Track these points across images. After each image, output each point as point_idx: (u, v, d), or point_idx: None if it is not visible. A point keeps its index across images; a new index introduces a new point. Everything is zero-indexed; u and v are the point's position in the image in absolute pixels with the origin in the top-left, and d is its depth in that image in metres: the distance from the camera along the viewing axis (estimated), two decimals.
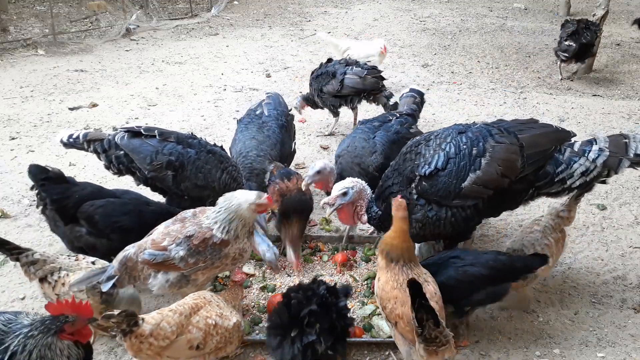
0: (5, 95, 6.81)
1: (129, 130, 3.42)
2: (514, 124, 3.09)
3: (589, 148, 2.96)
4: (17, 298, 3.31)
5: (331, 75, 5.35)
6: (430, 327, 2.26)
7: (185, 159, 3.31)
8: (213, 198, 3.23)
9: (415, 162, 2.96)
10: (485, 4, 12.55)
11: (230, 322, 2.54)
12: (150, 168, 3.28)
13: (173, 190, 3.36)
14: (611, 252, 3.79)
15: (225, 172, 3.43)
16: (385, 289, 2.55)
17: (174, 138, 3.38)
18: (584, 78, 7.64)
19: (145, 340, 2.29)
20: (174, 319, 2.40)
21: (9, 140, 5.59)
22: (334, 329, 2.38)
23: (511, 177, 2.88)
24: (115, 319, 2.21)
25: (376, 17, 11.24)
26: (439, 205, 2.92)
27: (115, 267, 2.73)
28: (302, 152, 5.40)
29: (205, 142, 3.54)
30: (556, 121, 6.06)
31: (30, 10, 11.06)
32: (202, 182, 3.33)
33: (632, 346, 2.96)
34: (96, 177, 4.83)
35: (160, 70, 7.96)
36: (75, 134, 3.53)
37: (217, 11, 11.49)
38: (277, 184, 3.56)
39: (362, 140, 3.66)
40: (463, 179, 2.85)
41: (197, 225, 2.74)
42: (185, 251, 2.68)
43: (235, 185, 3.45)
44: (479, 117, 6.18)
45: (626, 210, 4.33)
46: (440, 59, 8.50)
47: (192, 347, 2.41)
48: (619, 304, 3.30)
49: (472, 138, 2.92)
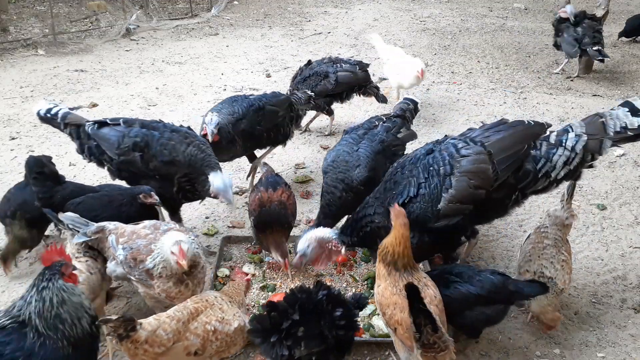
0: (5, 95, 6.81)
1: (96, 122, 3.51)
2: (481, 131, 3.01)
3: (565, 137, 2.88)
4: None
5: (322, 75, 5.38)
6: (428, 333, 2.25)
7: (149, 139, 3.39)
8: (181, 174, 3.38)
9: (393, 192, 2.94)
10: (485, 4, 12.54)
11: (231, 326, 2.49)
12: (118, 152, 3.38)
13: (143, 171, 3.42)
14: (611, 252, 3.79)
15: (192, 145, 3.44)
16: (385, 294, 2.54)
17: (138, 124, 3.49)
18: (584, 78, 7.64)
19: (140, 346, 2.26)
20: (171, 326, 2.35)
21: (9, 140, 5.59)
22: (323, 338, 2.27)
23: (486, 187, 2.79)
24: (112, 324, 2.19)
25: (376, 17, 11.24)
26: (422, 232, 2.86)
27: (92, 230, 2.85)
28: (302, 152, 5.41)
29: (170, 124, 3.60)
30: (556, 121, 6.06)
31: (30, 10, 11.05)
32: (168, 158, 3.36)
33: (632, 346, 2.97)
34: (96, 177, 4.83)
35: (160, 70, 7.96)
36: (54, 110, 3.52)
37: (217, 11, 11.48)
38: (260, 193, 3.49)
39: (345, 154, 3.54)
40: (438, 201, 2.79)
41: (146, 242, 2.76)
42: (123, 258, 2.76)
43: (203, 156, 3.45)
44: (479, 117, 6.19)
45: (626, 210, 4.33)
46: (440, 59, 8.49)
47: (189, 354, 2.37)
48: (619, 304, 3.30)
49: (437, 158, 2.87)
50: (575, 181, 3.08)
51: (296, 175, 4.91)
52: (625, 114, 2.85)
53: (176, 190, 3.48)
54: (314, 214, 4.15)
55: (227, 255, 3.69)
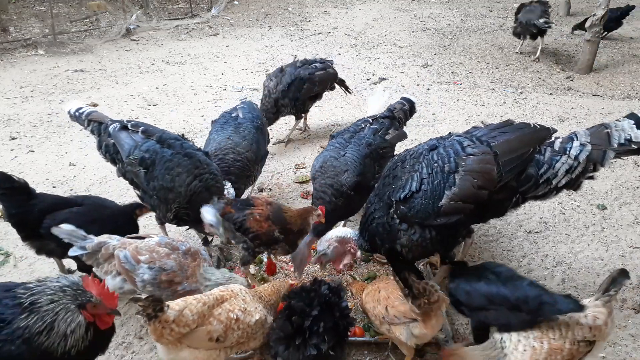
0: (5, 95, 6.81)
1: (120, 123, 3.46)
2: (487, 130, 2.96)
3: (570, 145, 2.83)
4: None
5: (306, 79, 5.46)
6: (415, 282, 2.46)
7: (157, 158, 3.25)
8: (178, 204, 3.24)
9: (392, 187, 2.90)
10: (485, 4, 12.55)
11: (252, 318, 2.52)
12: (127, 162, 3.31)
13: (144, 187, 3.33)
14: (611, 252, 3.79)
15: (198, 178, 3.26)
16: (366, 299, 2.82)
17: (156, 137, 3.35)
18: (584, 78, 7.64)
19: (167, 325, 2.30)
20: (197, 307, 2.39)
21: (9, 140, 5.59)
22: (337, 329, 2.41)
23: (489, 188, 2.75)
24: (142, 303, 2.23)
25: (376, 17, 11.24)
26: (422, 227, 2.84)
27: (93, 244, 2.79)
28: (302, 152, 5.41)
29: (189, 145, 3.44)
30: (556, 121, 6.06)
31: (30, 10, 11.06)
32: (169, 185, 3.21)
33: (632, 346, 2.97)
34: (96, 176, 4.84)
35: (160, 70, 7.96)
36: (82, 109, 3.58)
37: (217, 11, 11.49)
38: (252, 211, 3.15)
39: (332, 159, 3.48)
40: (440, 198, 2.75)
41: (177, 265, 2.73)
42: (150, 278, 2.70)
43: (208, 195, 3.27)
44: (479, 117, 6.19)
45: (626, 210, 4.33)
46: (440, 59, 8.50)
47: (212, 339, 2.40)
48: (619, 304, 3.30)
49: (442, 154, 2.83)
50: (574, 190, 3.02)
51: (296, 175, 4.91)
52: (630, 126, 2.80)
53: (172, 217, 3.35)
54: None
55: (227, 255, 3.69)
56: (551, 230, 4.06)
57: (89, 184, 4.69)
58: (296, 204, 4.40)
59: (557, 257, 3.73)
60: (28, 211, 3.07)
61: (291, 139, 5.69)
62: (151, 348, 2.94)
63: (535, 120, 5.36)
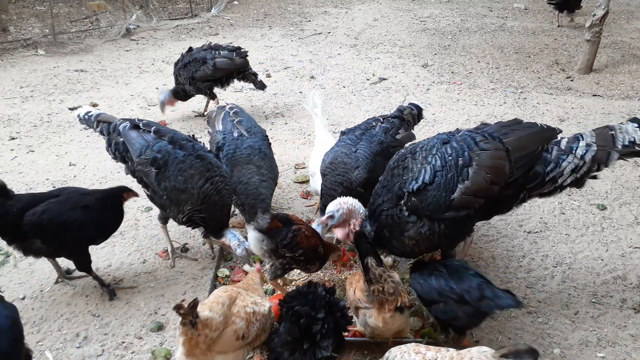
0: (5, 95, 6.82)
1: (131, 121, 3.47)
2: (497, 127, 3.04)
3: (576, 145, 2.95)
4: (17, 298, 3.32)
5: (201, 61, 5.78)
6: (372, 266, 2.60)
7: (170, 159, 3.26)
8: (191, 205, 3.24)
9: (403, 178, 2.89)
10: (485, 4, 12.54)
11: (265, 307, 2.57)
12: (137, 161, 3.31)
13: (155, 187, 3.34)
14: (611, 252, 3.79)
15: (210, 181, 3.28)
16: (346, 284, 2.96)
17: (168, 137, 3.36)
18: (584, 78, 7.64)
19: (202, 331, 2.27)
20: (220, 309, 2.38)
21: (9, 140, 5.59)
22: (338, 329, 2.45)
23: (501, 183, 2.82)
24: (184, 310, 2.18)
25: (376, 17, 11.24)
26: (431, 220, 2.85)
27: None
28: (302, 152, 5.40)
29: (200, 146, 3.45)
30: (556, 121, 6.06)
31: (30, 10, 11.06)
32: (181, 186, 3.23)
33: (632, 346, 2.97)
34: (96, 176, 4.84)
35: (160, 70, 7.96)
36: (91, 112, 3.66)
37: (217, 11, 11.49)
38: (301, 230, 3.06)
39: (344, 155, 3.49)
40: (452, 191, 2.78)
41: None
42: None
43: (218, 198, 3.30)
44: (479, 117, 6.19)
45: (626, 210, 4.33)
46: (440, 59, 8.49)
47: (238, 338, 2.40)
48: (619, 304, 3.30)
49: (456, 148, 2.86)
50: (578, 188, 3.13)
51: (296, 175, 4.91)
52: (634, 129, 2.93)
53: (184, 220, 3.35)
54: (314, 214, 4.16)
55: (227, 255, 3.69)
56: (551, 230, 4.06)
57: (89, 184, 4.69)
58: (296, 204, 4.40)
59: (557, 257, 3.73)
60: (7, 212, 3.01)
61: None
62: (151, 348, 2.94)
63: (535, 120, 5.36)
